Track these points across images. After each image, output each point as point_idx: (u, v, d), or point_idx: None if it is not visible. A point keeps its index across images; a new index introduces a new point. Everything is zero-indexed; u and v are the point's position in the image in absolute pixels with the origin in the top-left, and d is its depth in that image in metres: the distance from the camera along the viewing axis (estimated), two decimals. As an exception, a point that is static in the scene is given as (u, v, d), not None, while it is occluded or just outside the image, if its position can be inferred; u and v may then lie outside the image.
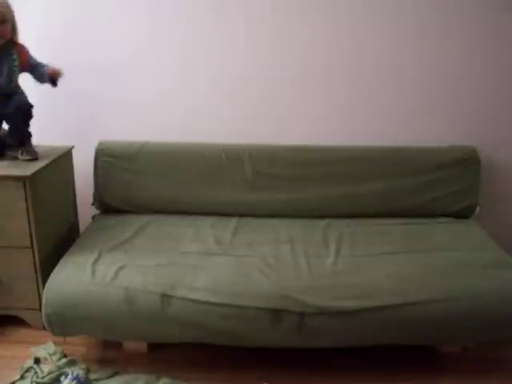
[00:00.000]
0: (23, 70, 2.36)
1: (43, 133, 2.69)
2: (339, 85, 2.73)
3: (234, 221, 2.62)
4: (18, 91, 2.38)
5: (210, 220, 2.62)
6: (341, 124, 2.80)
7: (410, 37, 2.65)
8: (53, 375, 2.10)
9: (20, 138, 2.41)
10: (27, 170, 2.24)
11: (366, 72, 2.71)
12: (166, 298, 2.01)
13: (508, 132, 2.80)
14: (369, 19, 2.62)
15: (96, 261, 2.19)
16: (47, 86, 2.38)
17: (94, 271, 2.11)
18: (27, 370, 2.15)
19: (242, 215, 2.67)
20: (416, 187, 2.67)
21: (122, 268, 2.14)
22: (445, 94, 2.74)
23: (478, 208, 2.71)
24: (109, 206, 2.69)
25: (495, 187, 2.89)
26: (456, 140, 2.76)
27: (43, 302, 2.07)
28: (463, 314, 2.05)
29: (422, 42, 2.65)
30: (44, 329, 2.19)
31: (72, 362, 2.19)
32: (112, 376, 2.14)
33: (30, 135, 2.44)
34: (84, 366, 2.16)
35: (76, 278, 2.09)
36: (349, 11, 2.61)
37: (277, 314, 2.01)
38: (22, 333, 2.43)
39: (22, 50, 2.34)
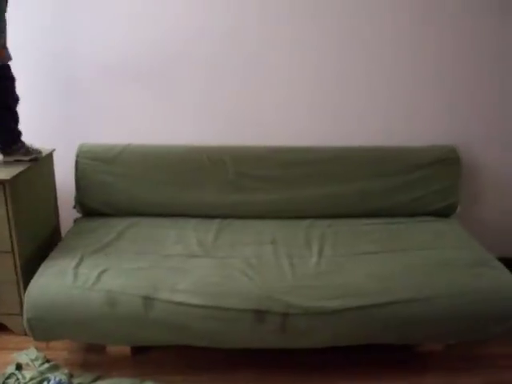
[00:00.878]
0: None
1: (23, 135, 2.68)
2: (319, 86, 2.74)
3: (216, 222, 2.62)
4: None
5: (192, 222, 2.61)
6: (321, 125, 2.81)
7: (388, 38, 2.67)
8: (35, 381, 2.08)
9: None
10: (7, 173, 2.21)
11: (346, 73, 2.73)
12: (148, 300, 2.00)
13: (488, 131, 2.84)
14: (350, 19, 2.64)
15: (78, 264, 2.17)
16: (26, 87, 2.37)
17: (75, 275, 2.10)
18: (9, 377, 2.12)
19: (224, 217, 2.67)
20: (397, 187, 2.69)
21: (104, 271, 2.12)
22: (425, 94, 2.77)
23: (458, 207, 2.74)
24: (90, 209, 2.67)
25: (475, 186, 2.92)
26: (436, 140, 2.78)
27: (24, 306, 2.05)
28: (445, 313, 2.07)
29: (402, 44, 2.68)
30: (26, 334, 2.17)
31: (54, 367, 2.17)
32: (95, 380, 2.12)
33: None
34: (66, 371, 2.15)
35: (57, 281, 2.07)
36: (338, 10, 2.62)
37: (260, 314, 2.01)
38: (4, 339, 2.40)
39: None
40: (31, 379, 2.09)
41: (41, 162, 2.49)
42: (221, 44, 2.65)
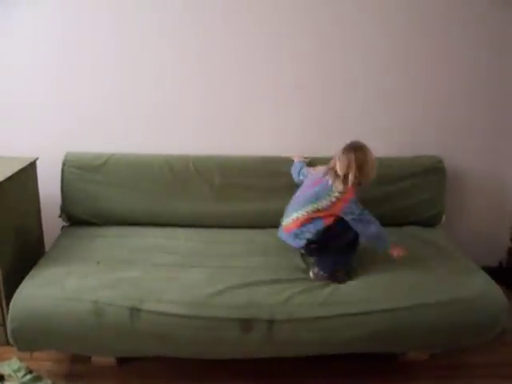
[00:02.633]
0: None
1: (8, 144, 2.66)
2: (308, 95, 2.75)
3: (205, 232, 2.61)
4: None
5: (180, 231, 2.61)
6: (309, 135, 2.82)
7: (378, 49, 2.69)
8: (17, 392, 2.04)
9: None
10: (-13, 182, 2.18)
11: (335, 84, 2.74)
12: (135, 311, 1.99)
13: (473, 142, 2.87)
14: (335, 29, 2.66)
15: (64, 274, 2.15)
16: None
17: (62, 285, 2.08)
18: (-10, 388, 2.08)
19: (212, 226, 2.67)
20: (383, 196, 2.69)
21: (91, 281, 2.11)
22: (412, 105, 2.79)
23: (443, 217, 2.76)
24: (76, 218, 2.65)
25: (460, 196, 2.95)
26: (422, 150, 2.80)
27: (9, 316, 2.02)
28: (431, 322, 2.08)
29: (391, 55, 2.70)
30: (8, 344, 2.13)
31: (37, 378, 2.12)
32: (79, 391, 2.10)
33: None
34: (50, 382, 2.11)
35: (43, 291, 2.05)
36: (329, 19, 2.64)
37: (246, 323, 2.00)
38: (-14, 349, 2.37)
39: None
40: (13, 391, 2.05)
41: (24, 171, 2.45)
42: (208, 54, 2.66)
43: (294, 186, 2.55)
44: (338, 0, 2.59)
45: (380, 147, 2.76)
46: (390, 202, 2.71)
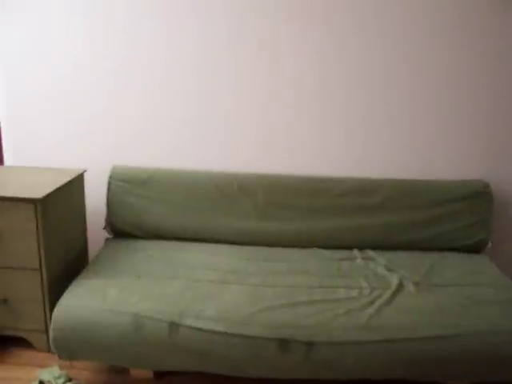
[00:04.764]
0: None
1: (56, 155, 2.74)
2: (353, 116, 2.74)
3: (247, 249, 2.62)
4: None
5: (223, 248, 2.62)
6: (353, 155, 2.80)
7: (422, 68, 2.66)
8: (57, 399, 2.08)
9: None
10: (39, 192, 2.25)
11: (374, 107, 2.73)
12: (174, 326, 2.00)
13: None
14: (368, 44, 2.65)
15: (107, 286, 2.19)
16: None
17: (104, 296, 2.11)
18: (32, 394, 2.13)
19: (253, 244, 2.67)
20: (427, 220, 2.66)
21: (132, 294, 2.14)
22: (459, 127, 2.74)
23: (489, 243, 2.69)
24: (120, 231, 2.70)
25: (506, 222, 2.87)
26: (468, 174, 2.75)
27: (51, 325, 2.06)
28: (474, 352, 2.02)
29: (435, 74, 2.67)
30: (49, 351, 2.18)
31: (76, 387, 2.17)
32: (116, 402, 2.12)
33: None
34: (88, 391, 2.15)
35: (85, 302, 2.09)
36: (345, 43, 2.64)
37: (284, 343, 1.99)
38: (29, 355, 2.42)
39: None
40: (53, 397, 2.09)
41: (72, 182, 2.52)
42: (252, 68, 2.69)
43: (335, 207, 2.54)
44: (383, 17, 2.60)
45: (425, 169, 2.75)
46: (434, 226, 2.67)
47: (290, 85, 2.70)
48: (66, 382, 2.20)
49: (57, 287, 2.28)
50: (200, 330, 1.99)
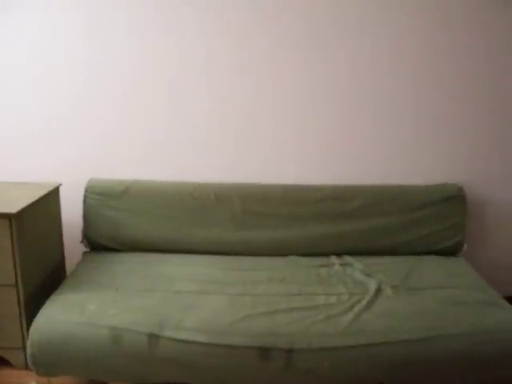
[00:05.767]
0: None
1: (32, 170, 2.71)
2: (332, 125, 2.77)
3: (225, 259, 2.62)
4: None
5: (202, 258, 2.62)
6: (329, 163, 2.83)
7: (400, 75, 2.70)
8: (36, 417, 2.05)
9: None
10: (13, 207, 2.22)
11: (352, 116, 2.76)
12: (153, 337, 1.99)
13: (494, 169, 2.84)
14: (355, 53, 2.68)
15: (85, 299, 2.16)
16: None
17: (82, 310, 2.09)
18: (9, 413, 2.10)
19: (232, 254, 2.67)
20: (403, 225, 2.69)
21: (110, 307, 2.11)
22: (432, 133, 2.79)
23: (465, 245, 2.73)
24: (98, 244, 2.68)
25: (480, 224, 2.91)
26: (440, 178, 2.80)
27: (28, 341, 2.03)
28: (453, 354, 2.03)
29: (412, 81, 2.71)
30: (27, 369, 2.14)
31: (55, 404, 2.15)
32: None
33: None
34: (68, 408, 2.12)
35: (63, 317, 2.06)
36: (340, 54, 2.67)
37: (265, 351, 1.99)
38: (6, 373, 2.38)
39: None
40: (32, 415, 2.06)
41: (47, 196, 2.50)
42: (228, 79, 2.70)
43: (314, 215, 2.55)
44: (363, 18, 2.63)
45: (401, 175, 2.78)
46: (411, 231, 2.70)
47: (267, 94, 2.72)
48: (44, 399, 2.18)
49: (34, 303, 2.24)
50: (180, 341, 1.98)
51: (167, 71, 2.68)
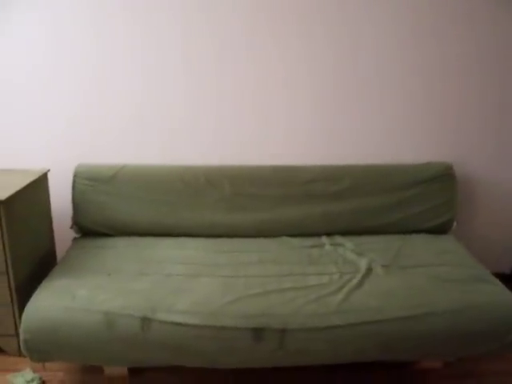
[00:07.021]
0: None
1: (19, 156, 2.69)
2: (320, 104, 2.76)
3: (216, 242, 2.61)
4: None
5: (193, 241, 2.61)
6: (318, 144, 2.82)
7: (388, 53, 2.69)
8: (31, 403, 2.06)
9: None
10: (1, 194, 2.20)
11: (340, 94, 2.75)
12: (146, 321, 1.98)
13: (483, 147, 2.86)
14: (341, 37, 2.66)
15: (76, 285, 2.15)
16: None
17: (74, 296, 2.08)
18: (4, 399, 2.10)
19: (223, 236, 2.67)
20: (394, 204, 2.70)
21: (102, 292, 2.11)
22: (421, 111, 2.79)
23: (455, 223, 2.74)
24: (88, 229, 2.66)
25: (471, 202, 2.94)
26: (430, 156, 2.81)
27: (21, 327, 2.02)
28: (444, 329, 2.06)
29: (400, 59, 2.70)
30: (20, 355, 2.14)
31: (50, 389, 2.15)
32: (91, 402, 2.11)
33: None
34: (62, 393, 2.13)
35: (55, 302, 2.05)
36: (319, 27, 2.64)
37: (258, 332, 1.99)
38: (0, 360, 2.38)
39: None
40: (27, 401, 2.07)
41: (36, 183, 2.48)
42: (220, 67, 2.67)
43: (304, 195, 2.55)
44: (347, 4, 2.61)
45: (391, 154, 2.79)
46: (401, 209, 2.71)
47: (254, 75, 2.70)
48: (38, 384, 2.19)
49: (25, 290, 2.24)
50: (173, 323, 1.98)
51: (153, 54, 2.65)
